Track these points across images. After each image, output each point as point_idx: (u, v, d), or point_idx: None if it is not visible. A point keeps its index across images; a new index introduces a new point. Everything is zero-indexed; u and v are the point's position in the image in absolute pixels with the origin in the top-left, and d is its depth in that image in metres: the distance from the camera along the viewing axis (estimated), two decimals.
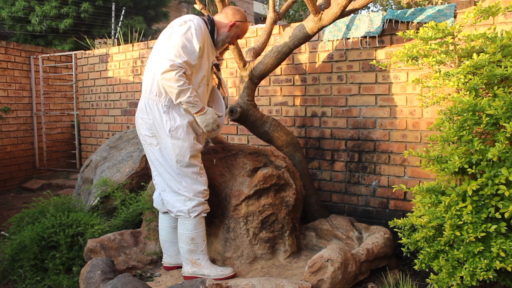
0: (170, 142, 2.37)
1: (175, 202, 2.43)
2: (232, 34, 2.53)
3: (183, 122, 2.37)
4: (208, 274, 2.40)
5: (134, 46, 4.64)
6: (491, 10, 2.20)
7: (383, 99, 3.10)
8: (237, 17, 2.52)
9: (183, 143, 2.37)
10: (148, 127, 2.41)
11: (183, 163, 2.38)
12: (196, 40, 2.31)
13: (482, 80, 2.05)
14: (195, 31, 2.30)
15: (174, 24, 2.36)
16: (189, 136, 2.38)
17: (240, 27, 2.54)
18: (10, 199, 5.00)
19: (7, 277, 2.74)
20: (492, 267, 1.85)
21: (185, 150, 2.37)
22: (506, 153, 1.85)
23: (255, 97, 3.30)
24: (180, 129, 2.36)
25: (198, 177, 2.44)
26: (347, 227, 2.85)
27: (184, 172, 2.40)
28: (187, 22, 2.32)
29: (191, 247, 2.44)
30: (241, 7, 27.50)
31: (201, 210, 2.43)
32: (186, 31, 2.29)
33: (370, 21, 3.08)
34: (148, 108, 2.40)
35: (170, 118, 2.37)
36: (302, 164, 3.10)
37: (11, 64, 5.62)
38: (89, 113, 5.16)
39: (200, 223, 2.45)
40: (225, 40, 2.54)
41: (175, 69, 2.22)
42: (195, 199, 2.41)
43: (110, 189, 3.22)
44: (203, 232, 2.47)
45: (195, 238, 2.43)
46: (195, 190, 2.41)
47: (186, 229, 2.43)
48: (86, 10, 9.19)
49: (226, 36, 2.52)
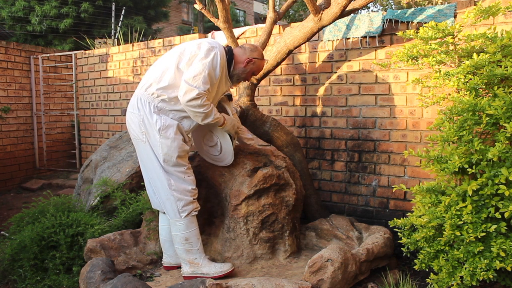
0: (159, 140, 2.38)
1: (167, 201, 2.44)
2: (248, 70, 2.55)
3: (173, 122, 2.41)
4: (207, 272, 2.41)
5: (134, 46, 4.64)
6: (491, 10, 2.20)
7: (383, 99, 3.10)
8: (254, 54, 2.55)
9: (172, 142, 2.38)
10: (138, 123, 2.42)
11: (170, 162, 2.40)
12: (219, 69, 2.37)
13: (482, 80, 2.05)
14: (219, 60, 2.36)
15: (201, 46, 2.37)
16: (178, 137, 2.40)
17: (257, 64, 2.57)
18: (10, 199, 5.00)
19: (7, 277, 2.74)
20: (492, 267, 1.85)
21: (173, 150, 2.38)
22: (506, 153, 1.85)
23: (255, 97, 3.30)
24: (170, 129, 2.39)
25: (185, 176, 2.45)
26: (347, 227, 2.85)
27: (171, 171, 2.41)
28: (214, 49, 2.36)
29: (186, 247, 2.44)
30: (241, 7, 27.34)
31: (191, 209, 2.44)
32: (213, 58, 2.33)
33: (370, 21, 3.08)
34: (140, 105, 2.41)
35: (160, 118, 2.39)
36: (302, 164, 3.10)
37: (11, 64, 5.62)
38: (89, 113, 5.16)
39: (192, 222, 2.45)
40: (240, 76, 2.56)
41: (200, 96, 2.30)
42: (183, 199, 2.41)
43: (110, 189, 3.22)
44: (196, 231, 2.47)
45: (189, 237, 2.44)
46: (182, 189, 2.42)
47: (178, 230, 2.44)
48: (86, 10, 9.19)
49: (242, 72, 2.54)
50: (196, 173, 2.81)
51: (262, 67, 2.66)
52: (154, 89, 2.38)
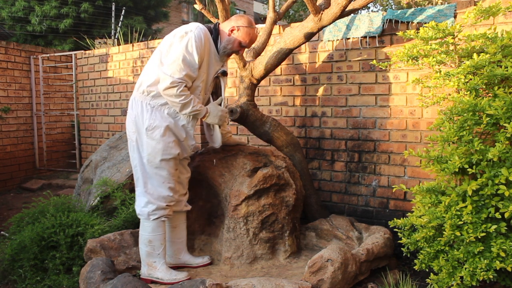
0: (145, 140, 2.37)
1: (139, 201, 2.43)
2: (233, 39, 2.44)
3: (162, 123, 2.36)
4: (162, 278, 2.40)
5: (134, 46, 4.64)
6: (491, 10, 2.20)
7: (383, 99, 3.10)
8: (239, 22, 2.44)
9: (156, 144, 2.36)
10: (132, 122, 2.43)
11: (153, 163, 2.38)
12: (196, 53, 2.29)
13: (482, 80, 2.05)
14: (195, 43, 2.28)
15: (176, 33, 2.34)
16: (164, 139, 2.36)
17: (243, 31, 2.44)
18: (10, 199, 5.00)
19: (7, 277, 2.74)
20: (492, 267, 1.85)
21: (156, 151, 2.36)
22: (506, 153, 1.85)
23: (255, 97, 3.30)
24: (157, 130, 2.36)
25: (166, 182, 2.40)
26: (347, 227, 2.85)
27: (152, 172, 2.39)
28: (188, 34, 2.29)
29: (148, 249, 2.42)
30: (241, 7, 27.31)
31: (161, 214, 2.40)
32: (186, 43, 2.27)
33: (370, 21, 3.08)
34: (134, 104, 2.43)
35: (150, 117, 2.37)
36: (302, 164, 3.10)
37: (11, 64, 5.62)
38: (89, 113, 5.16)
39: (159, 226, 2.42)
40: (226, 47, 2.46)
41: (176, 85, 2.25)
42: (155, 203, 2.38)
43: (110, 189, 3.22)
44: (161, 236, 2.43)
45: (153, 240, 2.41)
46: (158, 193, 2.39)
47: (144, 231, 2.42)
48: (86, 10, 9.20)
49: (227, 42, 2.45)
50: (196, 173, 2.81)
51: (251, 36, 2.47)
52: (144, 87, 2.38)
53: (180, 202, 2.56)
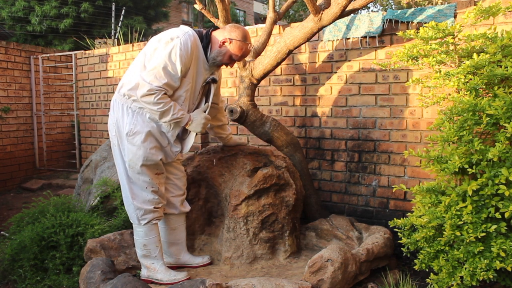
0: (126, 145, 2.30)
1: (128, 208, 2.40)
2: (224, 52, 2.32)
3: (143, 129, 2.28)
4: (161, 279, 2.40)
5: (134, 46, 4.64)
6: (491, 10, 2.20)
7: (383, 99, 3.10)
8: (233, 34, 2.31)
9: (137, 150, 2.28)
10: (113, 125, 2.35)
11: (134, 169, 2.32)
12: (179, 62, 2.18)
13: (482, 80, 2.05)
14: (179, 51, 2.17)
15: (161, 38, 2.24)
16: (145, 145, 2.28)
17: (235, 45, 2.31)
18: (10, 199, 5.00)
19: (7, 277, 2.74)
20: (492, 267, 1.85)
21: (137, 157, 2.28)
22: (506, 153, 1.85)
23: (255, 97, 3.30)
24: (137, 136, 2.28)
25: (149, 187, 2.35)
26: (347, 227, 2.85)
27: (135, 177, 2.34)
28: (173, 40, 2.19)
29: (144, 252, 2.42)
30: (241, 7, 27.30)
31: (151, 218, 2.38)
32: (170, 51, 2.17)
33: (370, 21, 3.08)
34: (116, 106, 2.34)
35: (131, 121, 2.28)
36: (302, 164, 3.10)
37: (11, 64, 5.62)
38: (89, 113, 5.16)
39: (151, 230, 2.40)
40: (215, 58, 2.34)
41: (153, 93, 2.16)
42: (142, 208, 2.35)
43: (110, 189, 3.22)
44: (155, 238, 2.42)
45: (147, 244, 2.40)
46: (143, 199, 2.35)
47: (138, 236, 2.41)
48: (86, 10, 9.20)
49: (217, 54, 2.33)
50: (196, 173, 2.82)
51: (243, 50, 2.35)
52: (125, 90, 2.28)
53: (173, 203, 2.54)
